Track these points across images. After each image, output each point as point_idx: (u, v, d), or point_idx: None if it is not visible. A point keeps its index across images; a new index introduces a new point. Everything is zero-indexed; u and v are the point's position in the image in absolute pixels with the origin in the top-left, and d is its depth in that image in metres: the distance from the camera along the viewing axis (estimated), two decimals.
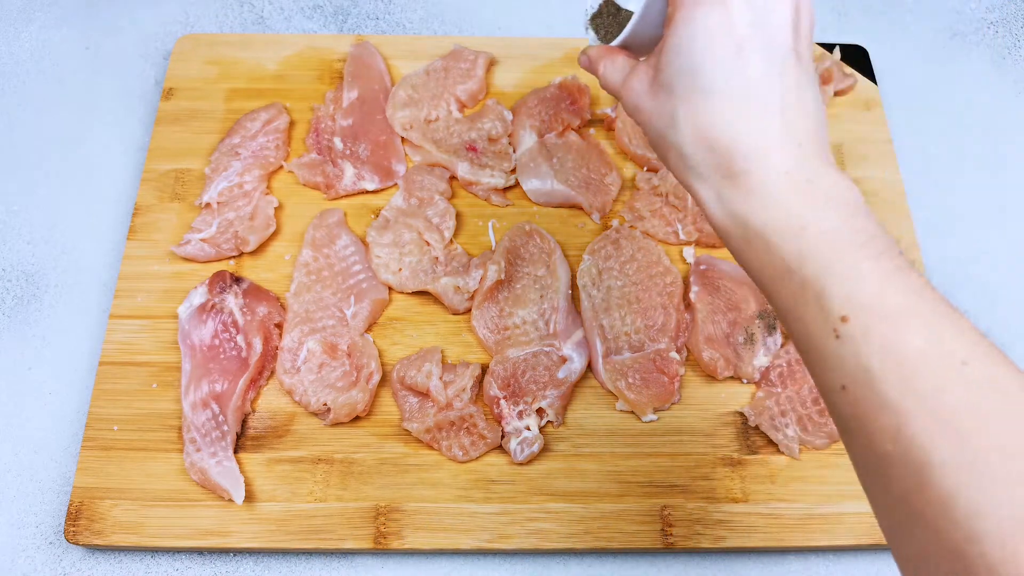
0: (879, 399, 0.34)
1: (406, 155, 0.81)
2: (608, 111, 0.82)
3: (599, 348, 0.70)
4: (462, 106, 0.84)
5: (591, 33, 0.55)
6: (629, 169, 0.81)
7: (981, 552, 0.31)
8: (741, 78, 0.40)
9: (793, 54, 0.41)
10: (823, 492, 0.66)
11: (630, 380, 0.69)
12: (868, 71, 0.87)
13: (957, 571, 0.32)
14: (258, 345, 0.69)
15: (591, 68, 0.51)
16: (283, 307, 0.72)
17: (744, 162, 0.40)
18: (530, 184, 0.78)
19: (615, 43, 0.50)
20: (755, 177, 0.39)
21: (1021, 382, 0.33)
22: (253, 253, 0.76)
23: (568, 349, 0.70)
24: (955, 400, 0.33)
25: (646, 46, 0.49)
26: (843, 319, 0.35)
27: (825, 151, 0.41)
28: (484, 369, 0.70)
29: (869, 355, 0.34)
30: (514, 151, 0.80)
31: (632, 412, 0.69)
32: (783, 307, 0.39)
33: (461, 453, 0.66)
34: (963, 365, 0.33)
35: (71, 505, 0.65)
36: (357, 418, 0.68)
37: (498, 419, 0.67)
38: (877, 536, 0.64)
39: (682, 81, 0.42)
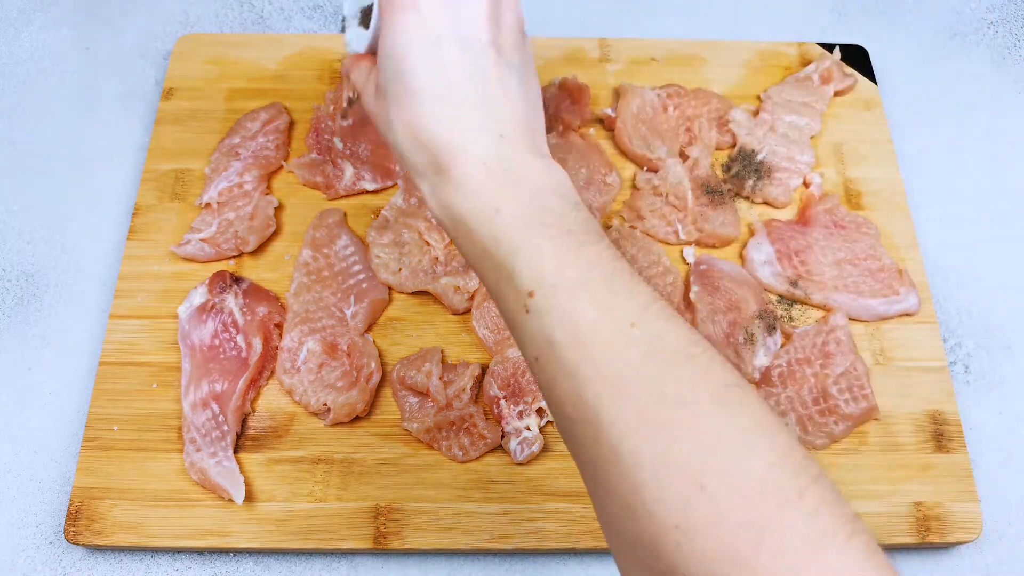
0: (562, 367, 0.36)
1: None
2: (608, 111, 0.82)
3: None
4: None
5: (346, 37, 0.55)
6: (629, 169, 0.81)
7: (642, 500, 0.33)
8: (438, 75, 0.42)
9: (492, 47, 0.43)
10: None
11: None
12: (868, 71, 0.87)
13: (633, 528, 0.34)
14: (258, 345, 0.69)
15: (346, 74, 0.53)
16: (283, 307, 0.72)
17: (448, 157, 0.42)
18: None
19: (364, 49, 0.51)
20: (459, 170, 0.41)
21: (685, 338, 0.36)
22: (253, 253, 0.76)
23: None
24: (622, 360, 0.35)
25: None
26: (530, 295, 0.38)
27: (534, 140, 0.43)
28: (484, 369, 0.70)
29: (552, 327, 0.37)
30: None
31: None
32: (488, 287, 0.42)
33: (461, 453, 0.66)
34: (631, 327, 0.36)
35: (71, 505, 0.65)
36: (357, 418, 0.68)
37: (498, 419, 0.67)
38: (876, 536, 0.64)
39: (392, 84, 0.43)
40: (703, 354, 0.36)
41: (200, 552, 0.66)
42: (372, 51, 0.50)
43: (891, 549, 0.67)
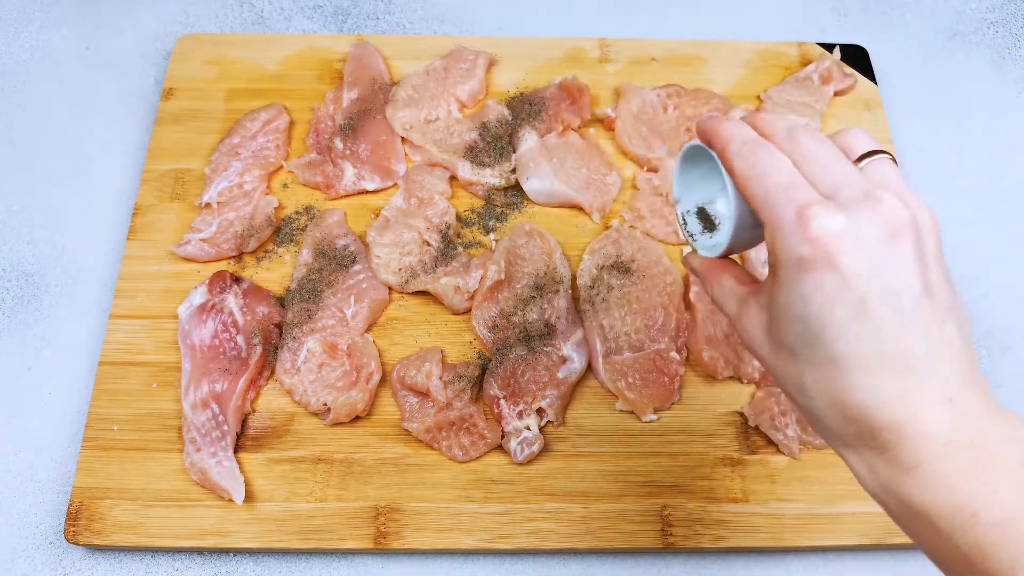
0: None
1: (406, 155, 0.81)
2: (608, 111, 0.82)
3: (599, 348, 0.70)
4: (462, 106, 0.84)
5: (684, 229, 0.50)
6: (629, 169, 0.81)
7: None
8: (870, 341, 0.36)
9: (924, 294, 0.37)
10: (823, 492, 0.66)
11: (630, 380, 0.69)
12: (868, 71, 0.87)
13: None
14: (258, 345, 0.69)
15: (693, 273, 0.49)
16: (283, 307, 0.72)
17: (891, 434, 0.36)
18: (530, 184, 0.78)
19: (715, 255, 0.46)
20: (907, 451, 0.35)
21: None
22: (253, 253, 0.76)
23: (568, 349, 0.70)
24: None
25: (750, 244, 0.46)
26: None
27: (981, 390, 0.37)
28: (484, 369, 0.70)
29: None
30: (514, 151, 0.80)
31: (632, 412, 0.69)
32: None
33: (461, 453, 0.66)
34: None
35: (71, 505, 0.65)
36: (357, 418, 0.68)
37: (498, 419, 0.67)
38: (877, 536, 0.64)
39: (805, 348, 0.38)
40: None
41: (200, 552, 0.66)
42: (729, 253, 0.46)
43: (891, 549, 0.66)
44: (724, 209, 0.48)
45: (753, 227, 0.44)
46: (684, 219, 0.50)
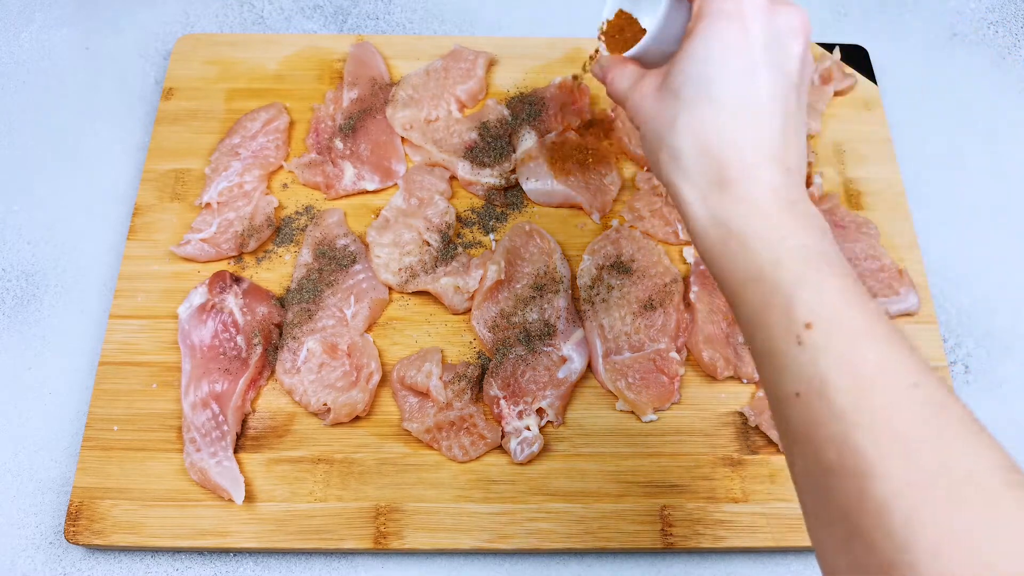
0: (830, 408, 0.35)
1: (406, 155, 0.81)
2: (608, 111, 0.82)
3: (599, 348, 0.70)
4: (462, 106, 0.84)
5: (603, 44, 0.58)
6: (629, 169, 0.81)
7: (911, 562, 0.32)
8: (749, 95, 0.43)
9: (796, 89, 0.44)
10: None
11: (630, 380, 0.69)
12: (868, 71, 0.87)
13: None
14: (258, 345, 0.69)
15: (601, 76, 0.54)
16: (283, 307, 0.72)
17: (736, 172, 0.42)
18: (530, 184, 0.78)
19: (629, 54, 0.52)
20: (744, 187, 0.42)
21: (966, 412, 0.35)
22: (253, 253, 0.76)
23: (568, 349, 0.70)
24: (903, 417, 0.34)
25: (656, 61, 0.51)
26: (807, 326, 0.37)
27: (804, 183, 0.44)
28: (484, 369, 0.70)
29: (827, 364, 0.36)
30: (514, 151, 0.80)
31: (632, 412, 0.69)
32: (750, 310, 0.41)
33: (461, 453, 0.66)
34: (914, 387, 0.35)
35: (71, 505, 0.65)
36: (357, 418, 0.68)
37: (498, 419, 0.67)
38: None
39: (691, 88, 0.44)
40: (984, 431, 0.34)
41: (200, 552, 0.66)
42: (636, 56, 0.52)
43: None
44: (647, 22, 0.57)
45: (673, 41, 0.50)
46: (603, 26, 0.58)
